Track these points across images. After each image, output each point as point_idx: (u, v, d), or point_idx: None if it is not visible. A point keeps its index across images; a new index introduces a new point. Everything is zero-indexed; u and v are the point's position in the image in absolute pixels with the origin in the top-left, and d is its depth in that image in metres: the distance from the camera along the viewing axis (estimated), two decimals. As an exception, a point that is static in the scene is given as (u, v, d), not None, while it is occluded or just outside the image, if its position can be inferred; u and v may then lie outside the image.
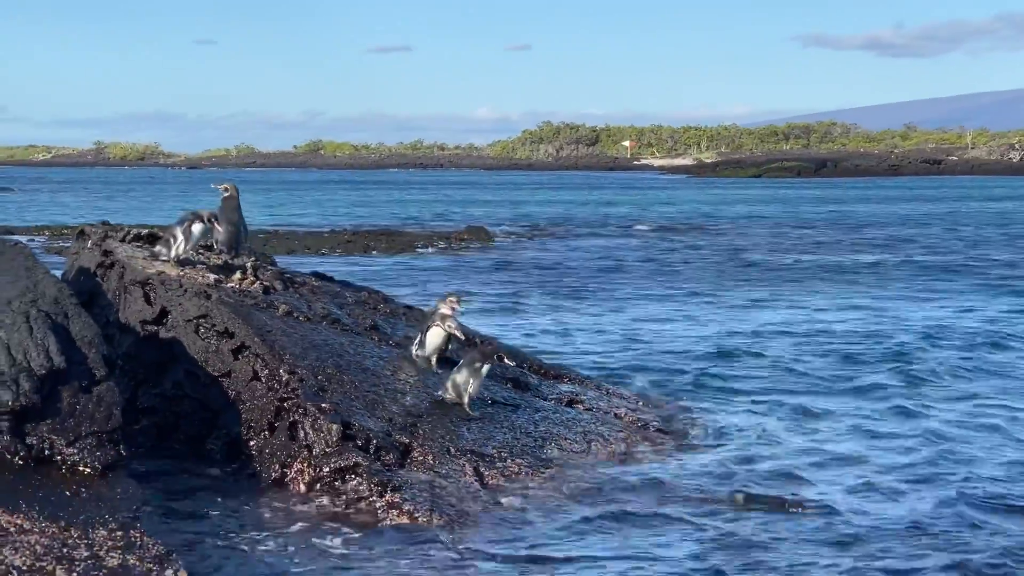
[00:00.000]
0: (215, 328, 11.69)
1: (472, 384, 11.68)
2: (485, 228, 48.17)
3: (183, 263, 12.46)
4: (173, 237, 12.58)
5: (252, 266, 12.97)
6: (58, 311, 10.27)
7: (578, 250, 41.91)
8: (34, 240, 39.45)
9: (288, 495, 10.59)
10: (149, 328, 12.04)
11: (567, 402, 13.19)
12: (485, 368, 11.73)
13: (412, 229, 49.51)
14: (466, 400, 11.70)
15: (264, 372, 11.30)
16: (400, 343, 12.90)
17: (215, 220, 12.65)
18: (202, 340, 11.73)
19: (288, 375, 11.14)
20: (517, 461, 11.27)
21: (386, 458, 10.62)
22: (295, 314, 12.33)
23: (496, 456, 11.24)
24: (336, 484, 10.39)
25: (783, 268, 34.98)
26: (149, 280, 12.16)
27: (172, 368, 11.89)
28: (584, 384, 14.36)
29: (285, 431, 10.91)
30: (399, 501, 10.14)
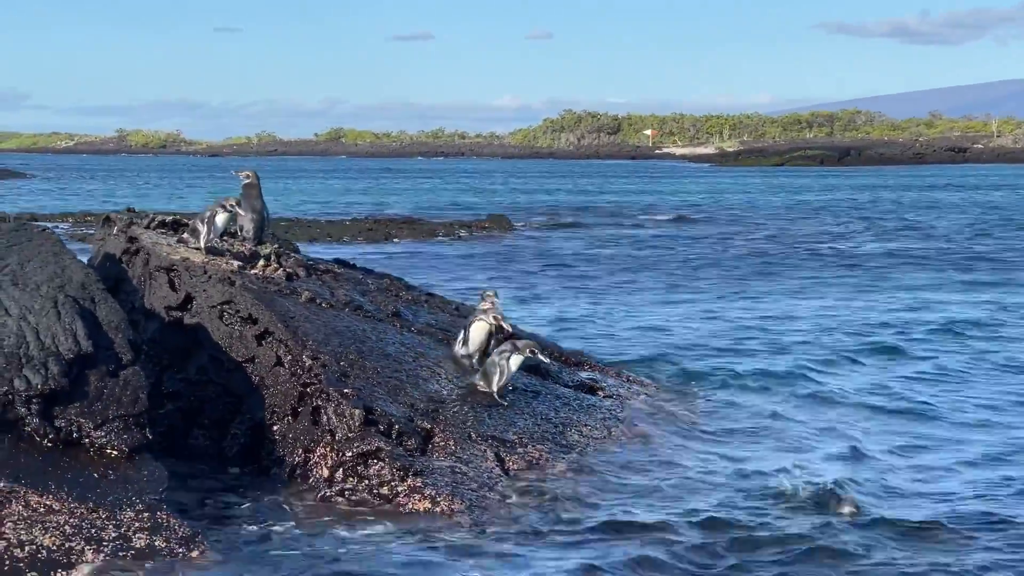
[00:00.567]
0: (239, 314, 11.81)
1: (502, 373, 11.74)
2: (506, 217, 48.25)
3: (208, 251, 12.59)
4: (198, 226, 12.71)
5: (275, 253, 13.08)
6: (85, 296, 10.42)
7: (600, 239, 41.97)
8: (58, 227, 39.70)
9: (311, 480, 10.71)
10: (174, 314, 12.17)
11: (587, 389, 13.29)
12: (515, 359, 11.77)
13: (433, 217, 49.61)
14: (495, 388, 11.80)
15: (287, 358, 11.42)
16: (422, 330, 13.01)
17: (237, 206, 12.76)
18: (226, 326, 11.85)
19: (311, 361, 11.25)
20: (538, 447, 11.37)
21: (408, 443, 10.74)
22: (318, 301, 12.44)
23: (517, 442, 11.34)
24: (359, 469, 10.51)
25: (813, 259, 35.01)
26: (174, 266, 12.29)
27: (196, 354, 12.02)
28: (604, 371, 14.46)
29: (308, 416, 11.02)
30: (421, 486, 10.25)
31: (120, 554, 8.74)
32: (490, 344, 12.20)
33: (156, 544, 8.86)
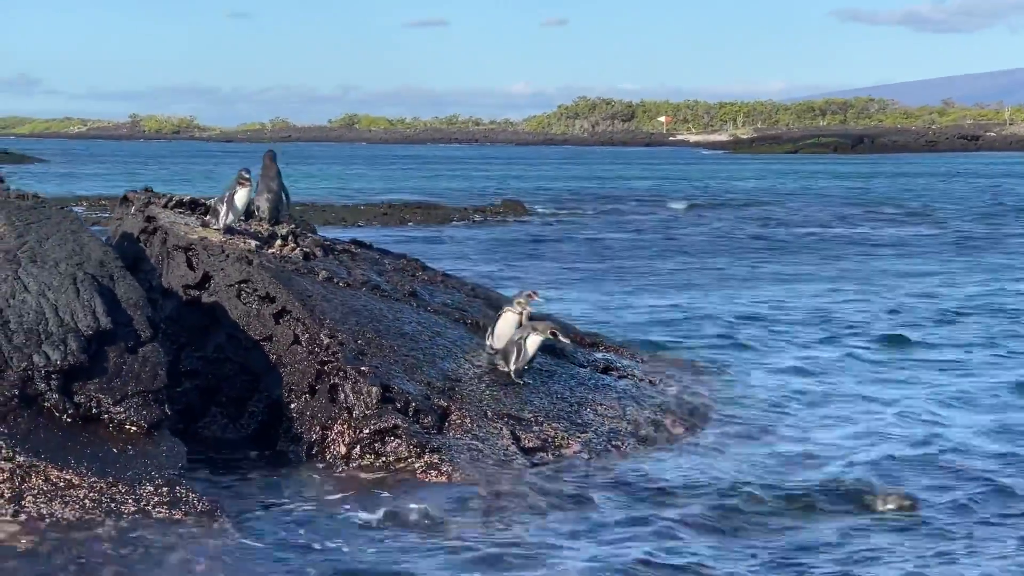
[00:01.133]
0: (256, 293, 11.87)
1: (519, 354, 11.77)
2: (521, 202, 48.26)
3: (227, 230, 12.65)
4: (218, 207, 12.78)
5: (292, 233, 13.14)
6: (104, 274, 10.48)
7: (614, 224, 41.98)
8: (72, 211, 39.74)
9: (328, 456, 10.76)
10: (191, 293, 12.23)
11: (602, 369, 13.32)
12: (533, 339, 11.77)
13: (448, 202, 49.62)
14: (512, 368, 11.84)
15: (305, 336, 11.48)
16: (438, 309, 13.05)
17: (248, 180, 12.74)
18: (244, 304, 11.91)
19: (328, 339, 11.31)
20: (553, 425, 11.41)
21: (425, 421, 10.79)
22: (335, 280, 12.49)
23: (533, 420, 11.38)
24: (376, 445, 10.57)
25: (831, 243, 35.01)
26: (192, 246, 12.34)
27: (214, 332, 12.09)
28: (619, 352, 14.49)
29: (325, 394, 11.08)
30: (437, 462, 10.31)
31: (140, 527, 8.81)
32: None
33: (176, 517, 8.93)
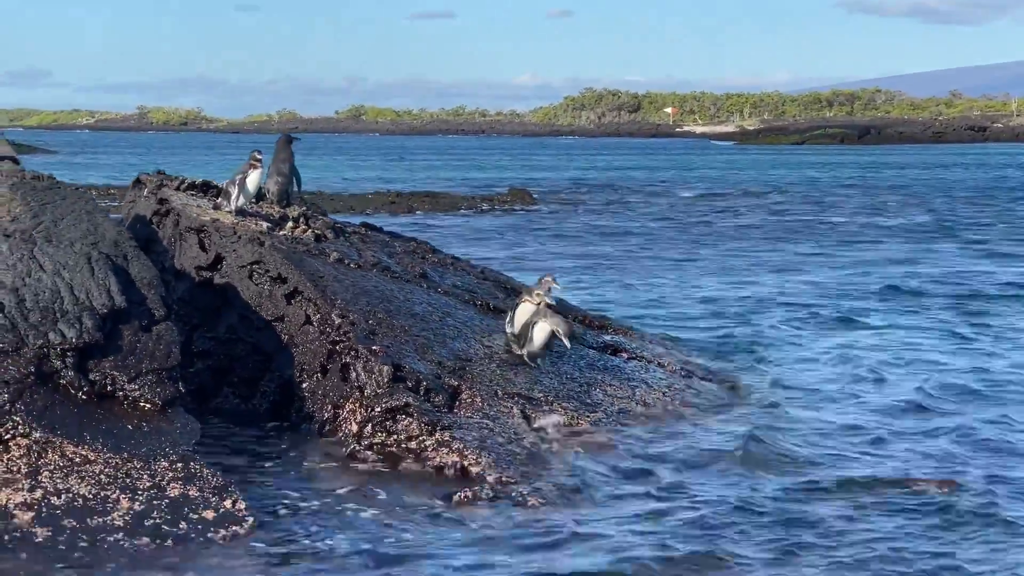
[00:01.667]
0: (268, 274, 11.96)
1: (526, 339, 11.85)
2: (527, 191, 48.32)
3: (238, 212, 12.73)
4: (230, 189, 12.87)
5: (304, 215, 13.23)
6: (118, 253, 10.57)
7: (619, 212, 42.03)
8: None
9: (340, 434, 10.85)
10: (204, 274, 12.33)
11: (611, 350, 13.41)
12: (540, 327, 11.81)
13: (455, 191, 49.69)
14: (522, 352, 11.93)
15: (316, 316, 11.56)
16: (448, 291, 13.14)
17: (259, 162, 12.82)
18: (255, 285, 12.00)
19: (340, 319, 11.39)
20: (563, 405, 11.49)
21: (436, 399, 10.87)
22: (346, 261, 12.58)
23: (543, 400, 11.46)
24: (387, 424, 10.64)
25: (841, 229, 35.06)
26: (204, 227, 12.43)
27: (226, 313, 12.18)
28: (628, 335, 14.57)
29: (337, 373, 11.17)
30: (449, 440, 10.38)
31: (155, 503, 8.90)
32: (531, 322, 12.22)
33: (190, 493, 9.02)
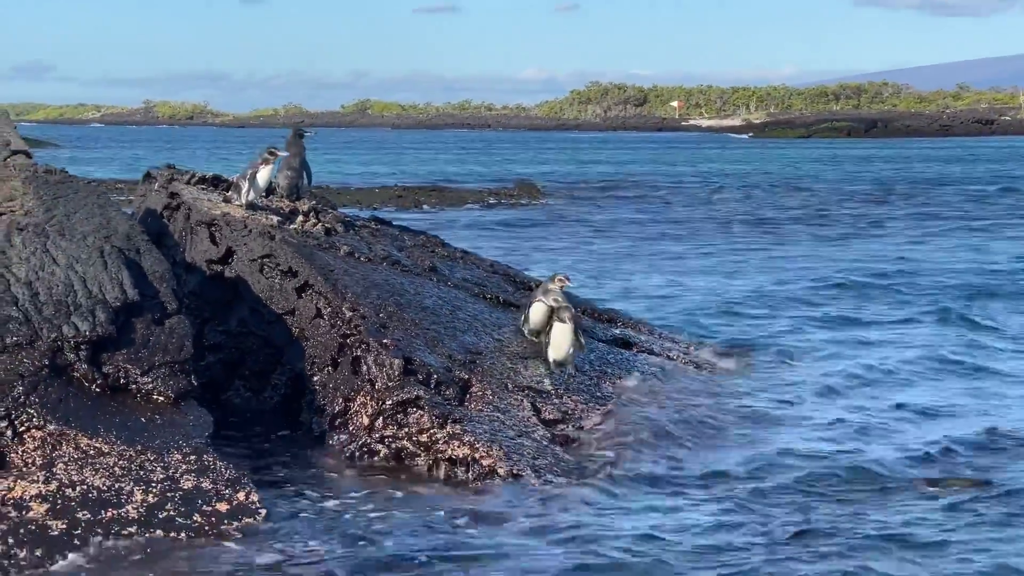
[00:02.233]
0: (279, 267, 12.01)
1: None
2: (534, 184, 48.33)
3: (249, 207, 12.79)
4: (240, 183, 12.92)
5: (314, 209, 13.27)
6: (130, 247, 10.62)
7: (625, 206, 42.06)
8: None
9: (351, 427, 10.90)
10: (215, 268, 12.38)
11: (620, 344, 13.45)
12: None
13: (462, 185, 49.70)
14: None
15: (327, 310, 11.61)
16: (458, 284, 13.18)
17: (271, 158, 12.88)
18: (266, 279, 12.05)
19: (351, 312, 11.44)
20: (573, 398, 11.54)
21: (446, 392, 10.92)
22: (356, 255, 12.62)
23: (553, 392, 11.51)
24: (398, 417, 10.68)
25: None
26: (215, 221, 12.48)
27: (237, 306, 12.23)
28: (637, 328, 14.62)
29: (348, 366, 11.21)
30: (460, 432, 10.43)
31: (168, 494, 8.96)
32: (551, 321, 12.24)
33: (203, 485, 9.07)
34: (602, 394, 11.83)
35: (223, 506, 8.98)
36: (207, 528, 8.73)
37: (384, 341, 11.11)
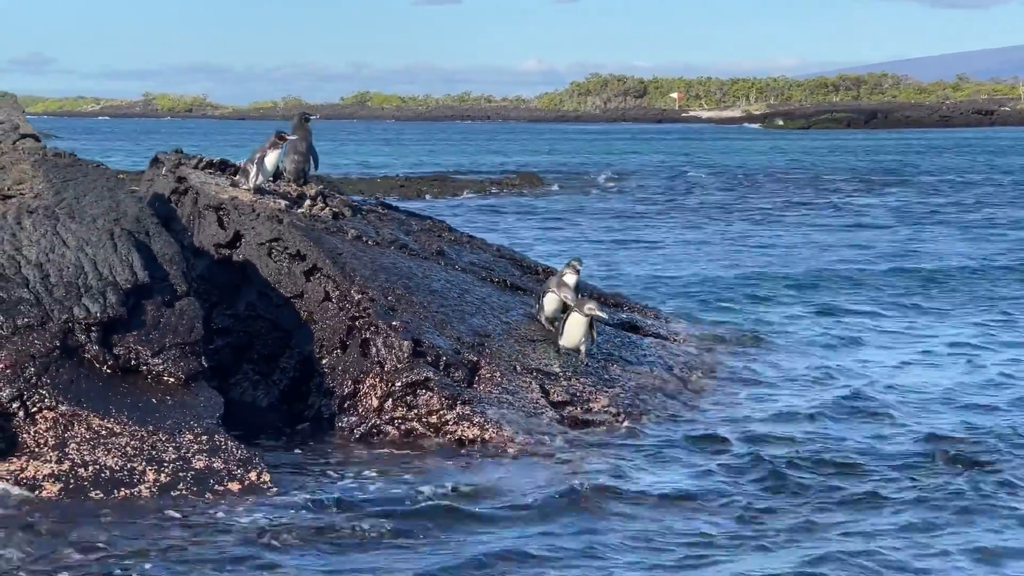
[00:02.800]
0: (287, 251, 12.02)
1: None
2: (536, 174, 48.35)
3: (256, 191, 12.80)
4: (248, 167, 12.94)
5: (321, 193, 13.30)
6: (140, 229, 10.65)
7: (625, 194, 42.08)
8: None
9: (360, 409, 10.93)
10: (223, 251, 12.39)
11: (627, 327, 13.48)
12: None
13: (464, 175, 49.70)
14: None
15: (335, 293, 11.63)
16: (465, 268, 13.21)
17: (280, 143, 12.91)
18: (274, 263, 12.07)
19: (359, 295, 11.46)
20: (582, 380, 11.57)
21: (455, 374, 10.95)
22: (364, 239, 12.65)
23: (561, 375, 11.54)
24: (408, 398, 10.72)
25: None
26: (223, 205, 12.50)
27: (245, 290, 12.25)
28: (643, 312, 14.65)
29: (357, 348, 11.23)
30: (469, 414, 10.47)
31: (180, 474, 9.01)
32: (564, 311, 12.23)
33: (215, 465, 9.12)
34: (610, 376, 11.86)
35: (235, 485, 9.02)
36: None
37: (393, 323, 11.14)
